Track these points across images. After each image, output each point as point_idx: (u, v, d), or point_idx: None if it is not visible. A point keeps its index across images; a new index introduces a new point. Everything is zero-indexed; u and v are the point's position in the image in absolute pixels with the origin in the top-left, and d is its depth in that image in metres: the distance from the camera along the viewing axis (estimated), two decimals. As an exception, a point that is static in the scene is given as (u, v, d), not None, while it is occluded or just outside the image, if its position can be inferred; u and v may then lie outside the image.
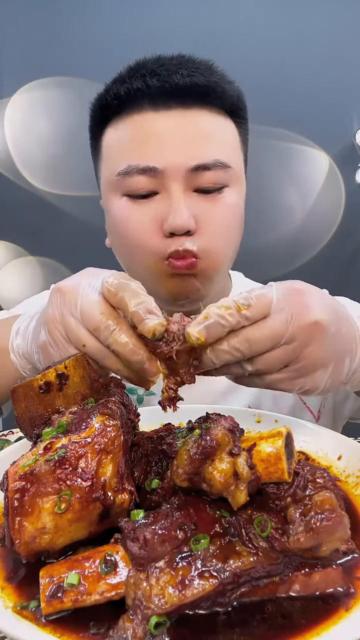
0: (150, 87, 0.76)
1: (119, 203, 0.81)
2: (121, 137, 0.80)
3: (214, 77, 0.78)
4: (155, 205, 0.78)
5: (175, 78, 0.75)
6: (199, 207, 0.78)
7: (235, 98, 0.83)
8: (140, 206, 0.79)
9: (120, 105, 0.79)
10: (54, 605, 0.41)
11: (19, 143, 2.26)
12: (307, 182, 2.41)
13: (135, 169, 0.77)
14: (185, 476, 0.46)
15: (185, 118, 0.77)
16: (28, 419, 0.56)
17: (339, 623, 0.40)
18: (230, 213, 0.82)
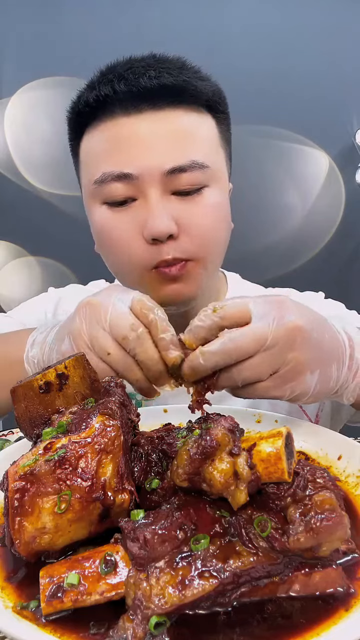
0: (118, 92, 0.74)
1: (99, 211, 0.80)
2: (96, 144, 0.79)
3: (183, 76, 0.76)
4: (134, 212, 0.77)
5: (142, 81, 0.73)
6: (179, 210, 0.76)
7: (210, 94, 0.80)
8: (120, 214, 0.78)
9: (91, 112, 0.78)
10: (54, 605, 0.41)
11: (19, 143, 2.26)
12: (307, 182, 2.41)
13: (110, 176, 0.75)
14: (185, 476, 0.46)
15: (157, 120, 0.75)
16: (28, 419, 0.56)
17: (339, 623, 0.40)
18: (212, 213, 0.80)
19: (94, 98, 0.76)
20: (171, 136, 0.76)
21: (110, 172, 0.75)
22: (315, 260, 2.46)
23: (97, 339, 0.60)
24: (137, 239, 0.77)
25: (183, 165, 0.75)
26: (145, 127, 0.75)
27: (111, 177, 0.76)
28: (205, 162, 0.77)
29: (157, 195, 0.76)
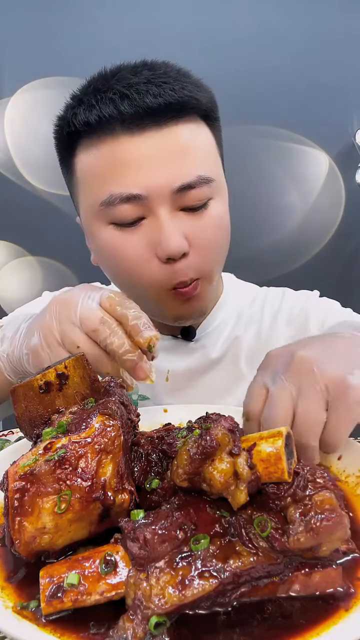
0: (123, 113, 0.72)
1: (106, 231, 0.78)
2: (97, 163, 0.76)
3: (185, 90, 0.75)
4: (144, 231, 0.76)
5: (147, 100, 0.71)
6: (188, 226, 0.76)
7: (208, 104, 0.80)
8: (129, 234, 0.77)
9: (91, 130, 0.75)
10: (54, 605, 0.41)
11: (19, 143, 2.26)
12: (307, 182, 2.41)
13: (118, 198, 0.74)
14: (185, 476, 0.46)
15: (161, 137, 0.74)
16: (28, 419, 0.56)
17: (339, 623, 0.40)
18: (218, 225, 0.81)
19: (96, 119, 0.73)
20: (176, 153, 0.74)
21: (119, 194, 0.74)
22: (315, 260, 2.46)
23: (67, 333, 0.60)
24: (150, 259, 0.77)
25: (191, 182, 0.74)
26: (149, 146, 0.74)
27: (119, 199, 0.74)
28: (210, 175, 0.77)
29: (167, 213, 0.75)
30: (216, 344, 0.98)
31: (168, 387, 0.97)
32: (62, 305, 0.62)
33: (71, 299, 0.62)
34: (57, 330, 0.61)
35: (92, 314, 0.60)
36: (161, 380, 0.97)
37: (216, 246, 0.81)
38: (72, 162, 0.81)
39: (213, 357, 0.97)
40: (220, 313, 1.00)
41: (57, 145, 0.85)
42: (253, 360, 0.98)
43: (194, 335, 0.96)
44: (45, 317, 0.63)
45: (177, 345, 0.97)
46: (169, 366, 0.97)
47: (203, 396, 0.96)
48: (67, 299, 0.63)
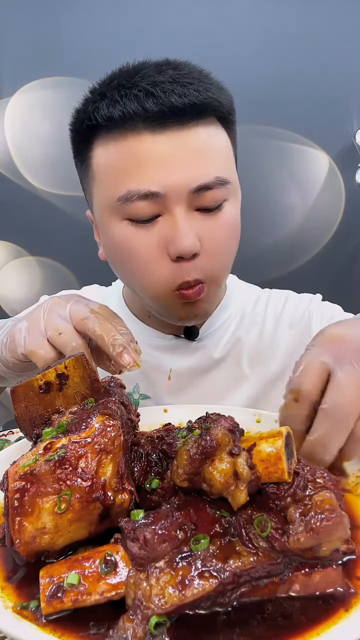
0: (148, 110, 0.72)
1: (120, 227, 0.78)
2: (116, 158, 0.76)
3: (209, 94, 0.75)
4: (158, 228, 0.76)
5: (172, 99, 0.72)
6: (202, 227, 0.77)
7: (228, 106, 0.80)
8: (144, 230, 0.77)
9: (112, 126, 0.75)
10: (54, 605, 0.41)
11: (19, 143, 2.26)
12: (307, 182, 2.41)
13: (137, 194, 0.74)
14: (185, 476, 0.46)
15: (181, 137, 0.74)
16: (28, 419, 0.56)
17: (339, 623, 0.40)
18: (231, 228, 0.81)
19: (120, 114, 0.73)
20: (195, 153, 0.75)
21: (137, 191, 0.74)
22: (315, 261, 2.46)
23: (52, 323, 0.62)
24: (161, 257, 0.77)
25: (209, 183, 0.75)
26: (170, 145, 0.74)
27: (137, 196, 0.74)
28: (227, 177, 0.77)
29: (182, 212, 0.75)
30: (218, 344, 0.98)
31: (170, 386, 0.97)
32: (54, 303, 0.65)
33: (64, 299, 0.65)
34: (43, 320, 0.63)
35: (82, 309, 0.62)
36: (163, 379, 0.97)
37: (227, 249, 0.81)
38: (88, 155, 0.81)
39: (215, 357, 0.97)
40: (223, 314, 1.00)
41: (73, 138, 0.85)
42: (255, 362, 0.98)
43: (197, 335, 0.96)
44: (35, 311, 0.66)
45: (180, 344, 0.97)
46: (171, 365, 0.97)
47: (204, 396, 0.96)
48: (60, 299, 0.66)
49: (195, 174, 0.74)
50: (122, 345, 0.59)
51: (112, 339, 0.59)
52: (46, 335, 0.62)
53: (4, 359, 0.67)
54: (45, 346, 0.61)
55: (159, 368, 0.97)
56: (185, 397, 0.97)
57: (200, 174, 0.74)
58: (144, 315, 0.99)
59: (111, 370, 0.65)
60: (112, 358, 0.59)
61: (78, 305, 0.64)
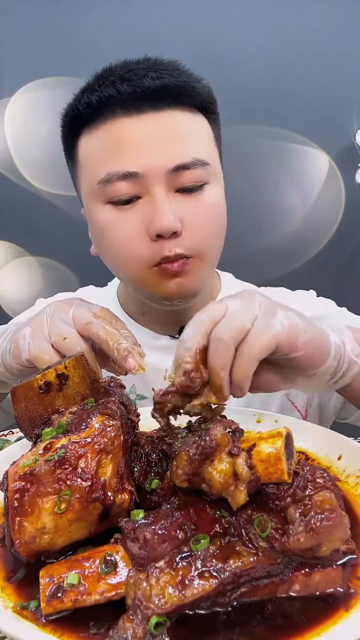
0: (122, 93, 0.75)
1: (103, 211, 0.81)
2: (97, 145, 0.79)
3: (182, 77, 0.78)
4: (139, 210, 0.78)
5: (145, 82, 0.75)
6: (183, 207, 0.78)
7: (205, 95, 0.82)
8: (125, 212, 0.79)
9: (92, 114, 0.79)
10: (54, 605, 0.41)
11: (19, 143, 2.26)
12: (307, 182, 2.41)
13: (116, 175, 0.76)
14: (184, 477, 0.46)
15: (158, 121, 0.77)
16: (28, 419, 0.56)
17: (339, 623, 0.40)
18: (213, 210, 0.82)
19: (97, 99, 0.77)
20: (173, 135, 0.77)
21: (116, 172, 0.76)
22: (315, 260, 2.46)
23: (56, 328, 0.63)
24: (141, 237, 0.78)
25: (187, 162, 0.76)
26: (147, 127, 0.76)
27: (116, 177, 0.76)
28: (206, 159, 0.79)
29: (162, 192, 0.77)
30: None
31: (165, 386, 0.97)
32: (57, 308, 0.66)
33: (66, 304, 0.67)
34: (47, 325, 0.64)
35: (85, 313, 0.64)
36: (159, 379, 0.97)
37: (210, 230, 0.82)
38: (75, 149, 0.84)
39: None
40: None
41: (62, 135, 0.88)
42: None
43: None
44: (38, 315, 0.67)
45: (175, 345, 0.97)
46: (166, 365, 0.97)
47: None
48: (62, 304, 0.67)
49: (173, 155, 0.76)
50: (127, 349, 0.60)
51: (117, 343, 0.60)
52: (50, 340, 0.63)
53: (8, 365, 0.68)
54: (50, 351, 0.62)
55: (155, 368, 0.96)
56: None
57: (178, 154, 0.76)
58: (139, 315, 0.99)
59: (116, 372, 0.66)
60: (117, 362, 0.60)
61: (81, 309, 0.65)
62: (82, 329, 0.62)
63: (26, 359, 0.63)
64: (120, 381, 0.63)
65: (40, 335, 0.63)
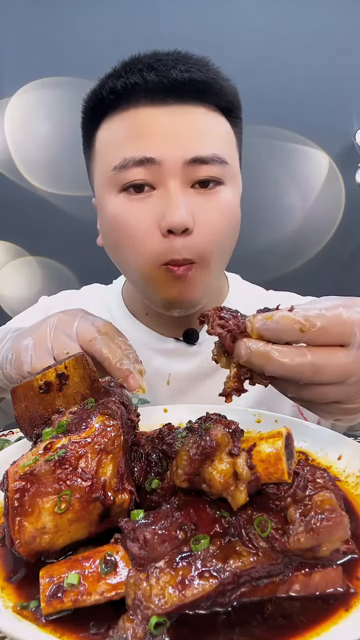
0: (148, 82, 0.74)
1: (116, 200, 0.79)
2: (116, 132, 0.78)
3: (211, 74, 0.77)
4: (153, 201, 0.76)
5: (173, 73, 0.74)
6: (196, 204, 0.77)
7: (231, 96, 0.81)
8: (138, 202, 0.77)
9: (116, 100, 0.77)
10: (54, 605, 0.41)
11: (19, 143, 2.26)
12: (307, 182, 2.41)
13: (132, 161, 0.75)
14: (184, 477, 0.46)
15: (182, 114, 0.76)
16: (28, 419, 0.56)
17: (339, 623, 0.40)
18: (226, 211, 0.81)
19: (122, 85, 0.76)
20: (194, 129, 0.76)
21: (132, 157, 0.75)
22: (315, 261, 2.46)
23: (59, 341, 0.63)
24: (152, 231, 0.77)
25: (205, 156, 0.75)
26: (169, 119, 0.75)
27: (132, 162, 0.75)
28: (225, 157, 0.78)
29: (177, 186, 0.75)
30: None
31: (169, 390, 0.96)
32: (60, 320, 0.66)
33: (69, 317, 0.66)
34: (50, 337, 0.64)
35: (89, 329, 0.63)
36: (162, 383, 0.96)
37: (220, 232, 0.80)
38: (94, 136, 0.83)
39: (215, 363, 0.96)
40: None
41: (82, 122, 0.87)
42: None
43: (197, 339, 0.95)
44: (41, 326, 0.66)
45: (179, 348, 0.96)
46: (170, 369, 0.96)
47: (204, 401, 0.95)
48: (66, 316, 0.67)
49: (192, 147, 0.75)
50: (128, 369, 0.60)
51: (119, 362, 0.60)
52: (53, 353, 0.62)
53: (7, 374, 0.68)
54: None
55: (158, 372, 0.96)
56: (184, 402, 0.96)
57: (197, 147, 0.75)
58: (143, 314, 0.98)
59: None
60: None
61: (85, 323, 0.64)
62: (86, 344, 0.62)
63: (28, 372, 0.63)
64: (121, 381, 0.63)
65: (43, 348, 0.63)
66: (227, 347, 0.49)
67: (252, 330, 0.47)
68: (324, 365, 0.45)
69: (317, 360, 0.45)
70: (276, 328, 0.45)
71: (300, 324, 0.45)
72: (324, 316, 0.45)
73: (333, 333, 0.45)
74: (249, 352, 0.46)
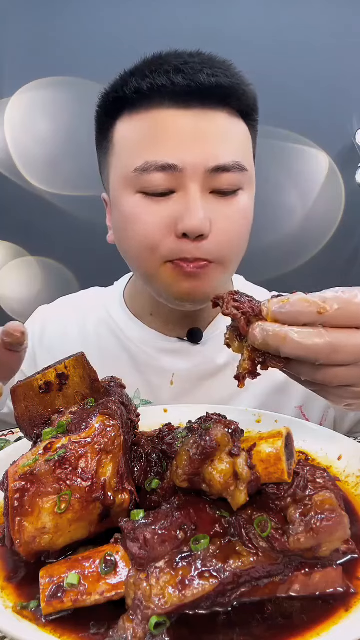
0: (175, 85, 0.74)
1: (133, 199, 0.79)
2: (138, 131, 0.78)
3: (235, 79, 0.78)
4: (171, 205, 0.77)
5: (201, 77, 0.74)
6: (215, 210, 0.77)
7: (252, 100, 0.82)
8: (156, 204, 0.77)
9: (139, 99, 0.77)
10: (54, 605, 0.41)
11: (19, 143, 2.26)
12: (307, 182, 2.41)
13: (154, 165, 0.75)
14: (185, 477, 0.46)
15: (205, 119, 0.76)
16: (28, 419, 0.56)
17: (339, 623, 0.40)
18: (243, 217, 0.81)
19: (148, 86, 0.75)
20: (216, 135, 0.76)
21: (154, 162, 0.75)
22: (315, 261, 2.46)
23: None
24: (167, 232, 0.77)
25: (226, 164, 0.75)
26: (192, 123, 0.75)
27: (154, 167, 0.75)
28: (245, 165, 0.78)
29: (197, 191, 0.75)
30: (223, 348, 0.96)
31: (172, 391, 0.95)
32: None
33: None
34: None
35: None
36: (165, 384, 0.95)
37: (236, 237, 0.81)
38: (111, 131, 0.82)
39: (219, 363, 0.95)
40: None
41: (98, 115, 0.86)
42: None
43: (201, 338, 0.95)
44: None
45: (183, 347, 0.96)
46: (173, 369, 0.95)
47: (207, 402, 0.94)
48: None
49: (214, 154, 0.75)
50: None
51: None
52: None
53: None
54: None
55: (161, 372, 0.95)
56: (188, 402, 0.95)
57: (219, 154, 0.75)
58: (146, 315, 0.98)
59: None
60: None
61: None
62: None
63: None
64: (121, 381, 0.63)
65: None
66: (241, 330, 0.48)
67: (267, 313, 0.47)
68: (342, 345, 0.45)
69: (335, 340, 0.45)
70: (293, 310, 0.46)
71: (317, 305, 0.45)
72: (341, 298, 0.46)
73: (350, 315, 0.45)
74: (264, 334, 0.46)
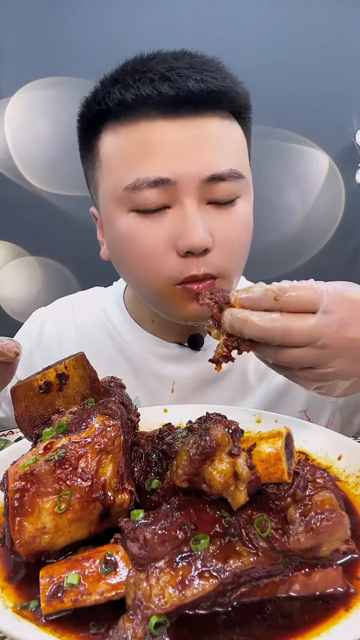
0: (162, 94, 0.69)
1: (126, 219, 0.74)
2: (125, 146, 0.73)
3: (227, 82, 0.73)
4: (167, 221, 0.72)
5: (189, 84, 0.68)
6: (214, 222, 0.73)
7: (244, 100, 0.78)
8: (151, 222, 0.73)
9: (123, 111, 0.72)
10: (54, 605, 0.41)
11: (19, 143, 2.26)
12: (307, 182, 2.41)
13: (146, 182, 0.70)
14: (185, 477, 0.46)
15: (196, 126, 0.71)
16: (28, 419, 0.56)
17: (339, 623, 0.40)
18: (243, 225, 0.78)
19: (132, 97, 0.70)
20: (210, 143, 0.72)
21: (146, 178, 0.70)
22: (315, 261, 2.46)
23: None
24: (168, 251, 0.73)
25: (222, 173, 0.71)
26: (183, 132, 0.71)
27: (146, 184, 0.70)
28: (241, 171, 0.74)
29: (194, 205, 0.71)
30: None
31: (173, 398, 0.93)
32: None
33: None
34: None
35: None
36: (166, 391, 0.93)
37: (239, 246, 0.78)
38: (95, 144, 0.78)
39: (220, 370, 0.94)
40: None
41: (80, 127, 0.82)
42: (261, 373, 0.93)
43: (202, 345, 0.93)
44: None
45: (184, 354, 0.93)
46: (174, 376, 0.93)
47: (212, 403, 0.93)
48: None
49: (208, 163, 0.71)
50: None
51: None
52: None
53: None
54: None
55: (162, 379, 0.93)
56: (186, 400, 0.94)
57: (214, 163, 0.71)
58: (147, 322, 0.95)
59: None
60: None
61: None
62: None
63: None
64: (121, 381, 0.63)
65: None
66: (215, 317, 0.56)
67: (235, 300, 0.54)
68: (293, 327, 0.51)
69: (287, 323, 0.51)
70: (254, 297, 0.52)
71: (274, 292, 0.51)
72: (296, 286, 0.52)
73: (303, 300, 0.51)
74: (230, 318, 0.53)
